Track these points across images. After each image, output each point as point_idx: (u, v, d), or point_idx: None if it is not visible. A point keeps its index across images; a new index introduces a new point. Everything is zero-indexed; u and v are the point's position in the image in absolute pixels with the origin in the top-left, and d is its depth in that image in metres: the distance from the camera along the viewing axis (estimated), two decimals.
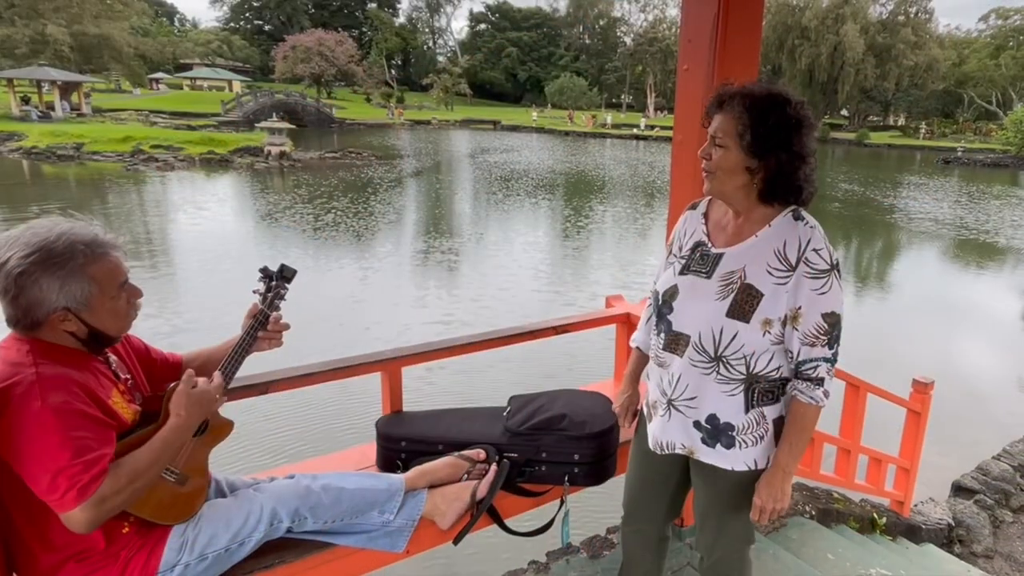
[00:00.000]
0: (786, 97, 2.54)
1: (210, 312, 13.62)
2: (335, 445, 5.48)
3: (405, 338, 12.84)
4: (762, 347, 2.60)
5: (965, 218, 31.18)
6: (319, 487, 2.96)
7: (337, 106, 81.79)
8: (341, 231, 22.19)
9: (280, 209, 25.51)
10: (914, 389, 6.02)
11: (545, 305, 15.37)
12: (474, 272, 18.33)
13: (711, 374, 2.69)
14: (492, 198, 31.87)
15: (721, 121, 2.59)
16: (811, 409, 2.63)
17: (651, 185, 38.40)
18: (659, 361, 2.91)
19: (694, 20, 3.82)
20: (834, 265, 2.53)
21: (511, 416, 3.80)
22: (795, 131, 2.51)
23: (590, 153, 59.21)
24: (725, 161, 2.58)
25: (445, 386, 10.39)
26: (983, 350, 14.27)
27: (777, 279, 2.56)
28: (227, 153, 39.38)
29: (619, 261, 20.46)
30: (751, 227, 2.68)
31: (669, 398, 2.84)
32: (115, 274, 2.46)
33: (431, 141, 62.99)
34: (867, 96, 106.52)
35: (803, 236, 2.55)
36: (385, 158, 44.76)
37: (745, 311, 2.59)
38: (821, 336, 2.55)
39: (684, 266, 2.84)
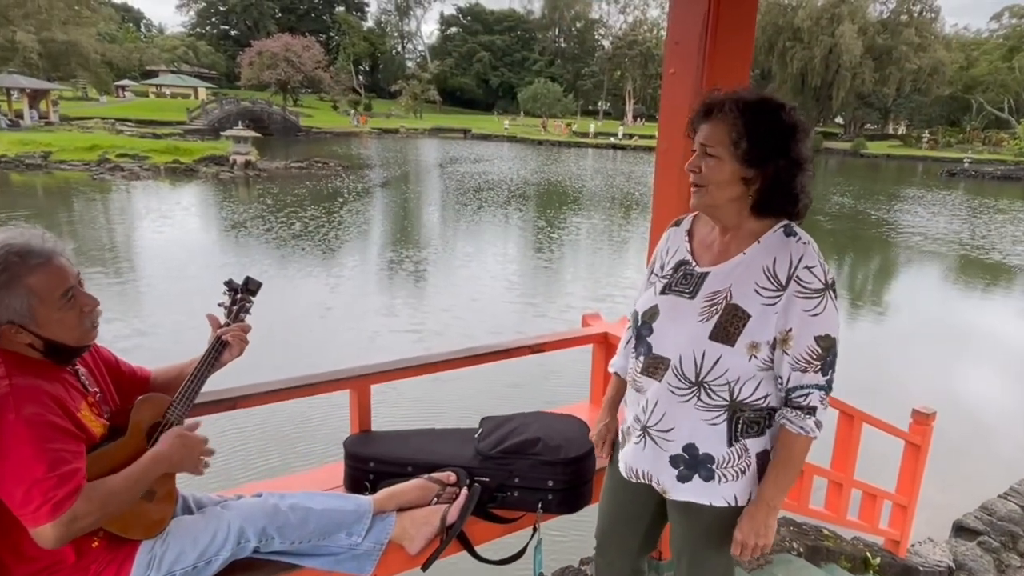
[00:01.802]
0: (779, 102, 2.42)
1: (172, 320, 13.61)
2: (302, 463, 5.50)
3: (376, 345, 13.01)
4: (748, 373, 2.43)
5: (965, 234, 30.49)
6: (287, 506, 2.94)
7: (303, 114, 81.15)
8: (308, 242, 22.18)
9: (245, 220, 25.48)
10: (914, 420, 5.69)
11: (517, 316, 15.43)
12: (445, 283, 18.36)
13: (690, 400, 2.51)
14: (462, 210, 31.87)
15: (711, 130, 2.44)
16: (801, 440, 2.47)
17: (628, 197, 38.37)
18: (636, 385, 2.73)
19: (682, 20, 3.64)
20: (829, 284, 2.39)
21: (483, 438, 3.72)
22: (792, 136, 2.39)
23: (565, 163, 59.04)
24: (718, 173, 2.42)
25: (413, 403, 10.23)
26: (988, 379, 13.59)
27: (766, 299, 2.41)
28: (192, 162, 39.39)
29: (593, 274, 20.51)
30: (739, 244, 2.53)
31: (644, 424, 2.67)
32: (55, 283, 2.41)
33: (399, 150, 62.92)
34: (864, 103, 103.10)
35: (795, 253, 2.40)
36: (352, 168, 44.77)
37: (730, 333, 2.42)
38: (814, 361, 2.39)
39: (666, 285, 2.68)
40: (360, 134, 78.71)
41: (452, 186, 39.94)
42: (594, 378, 4.94)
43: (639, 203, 35.64)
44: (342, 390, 3.82)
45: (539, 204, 35.08)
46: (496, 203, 33.86)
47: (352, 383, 3.82)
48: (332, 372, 3.81)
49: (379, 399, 3.93)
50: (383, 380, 3.91)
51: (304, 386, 3.64)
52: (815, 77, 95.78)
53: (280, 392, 3.57)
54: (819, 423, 2.46)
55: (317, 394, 3.73)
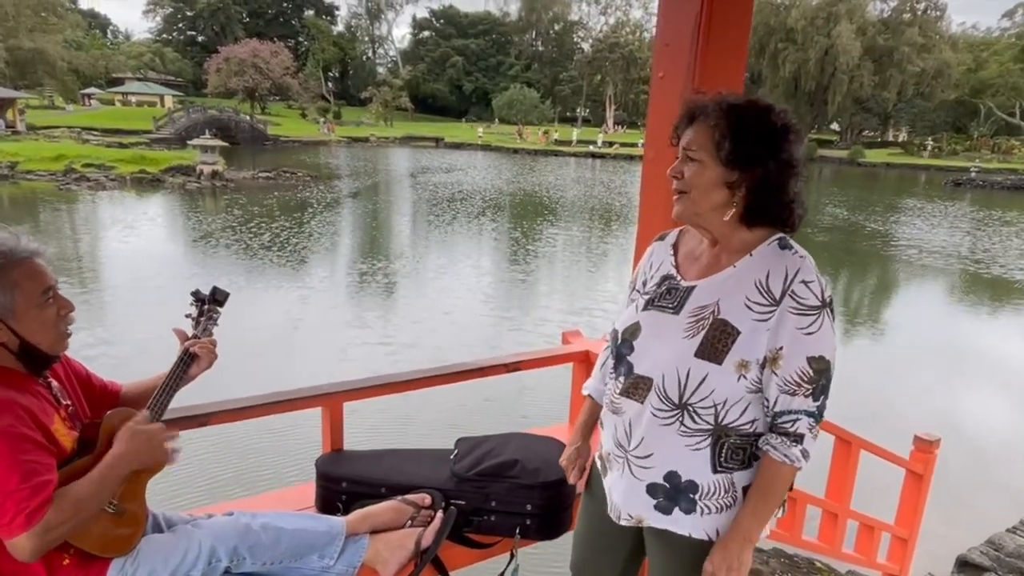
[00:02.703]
0: (768, 104, 2.31)
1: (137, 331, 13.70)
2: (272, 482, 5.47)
3: (348, 357, 13.04)
4: (735, 394, 2.29)
5: (965, 247, 29.71)
6: (259, 526, 2.93)
7: (271, 122, 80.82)
8: (276, 254, 22.14)
9: (212, 231, 25.42)
10: (916, 447, 5.45)
11: (492, 329, 15.44)
12: (417, 296, 18.36)
13: (672, 424, 2.37)
14: (434, 221, 31.80)
15: (694, 133, 2.34)
16: (784, 469, 2.32)
17: (608, 208, 38.15)
18: (614, 408, 2.57)
19: (672, 20, 3.49)
20: (826, 302, 2.24)
21: (458, 460, 3.68)
22: (782, 137, 2.27)
23: (541, 173, 58.55)
24: (700, 177, 2.31)
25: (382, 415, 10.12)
26: (996, 404, 12.98)
27: (757, 315, 2.27)
28: (159, 172, 39.30)
29: (570, 287, 20.52)
30: (729, 257, 2.40)
31: (624, 448, 2.53)
32: (39, 279, 2.47)
33: (369, 160, 62.69)
34: (862, 108, 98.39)
35: (791, 266, 2.26)
36: (321, 178, 44.66)
37: (717, 350, 2.29)
38: (804, 384, 2.24)
39: (649, 301, 2.56)
40: (329, 143, 78.39)
41: (424, 197, 39.88)
42: (574, 398, 4.77)
43: (619, 215, 35.56)
44: (314, 407, 3.79)
45: (514, 215, 35.04)
46: (469, 214, 33.83)
47: (324, 400, 3.79)
48: (304, 389, 3.77)
49: (347, 410, 3.91)
50: (356, 398, 3.90)
51: (275, 403, 3.62)
52: (809, 81, 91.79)
53: (251, 409, 3.55)
54: (806, 452, 2.31)
55: (288, 411, 3.73)
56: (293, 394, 3.70)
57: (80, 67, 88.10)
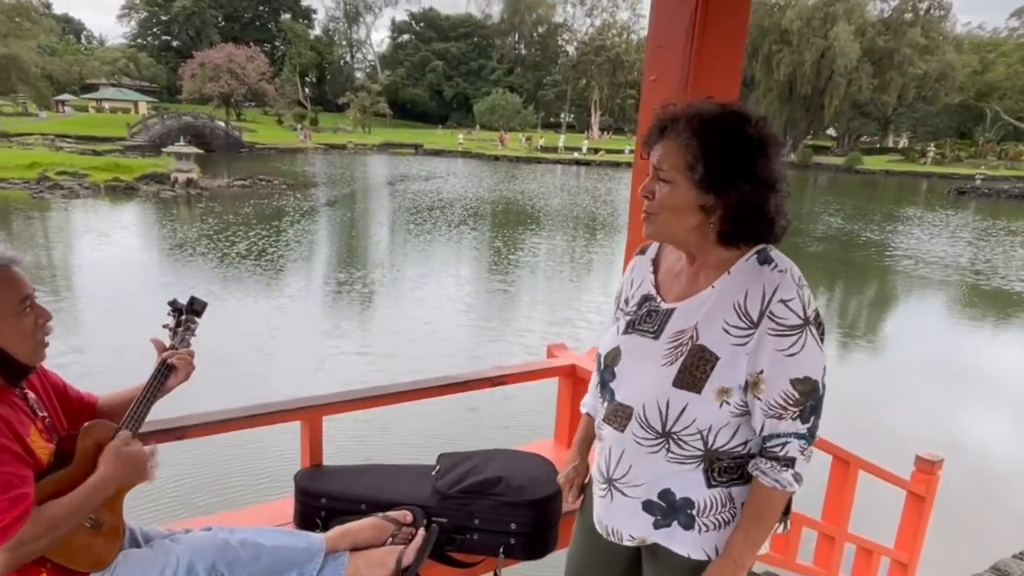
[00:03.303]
0: (744, 114, 2.19)
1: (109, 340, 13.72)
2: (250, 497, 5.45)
3: (326, 367, 13.00)
4: (720, 421, 2.23)
5: (965, 258, 29.18)
6: (237, 541, 2.91)
7: (247, 129, 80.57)
8: (252, 263, 22.08)
9: (187, 240, 25.33)
10: (917, 468, 5.28)
11: (472, 340, 15.40)
12: (395, 306, 18.28)
13: (659, 452, 2.31)
14: (413, 229, 31.68)
15: (665, 151, 2.23)
16: (775, 494, 2.25)
17: (593, 217, 37.93)
18: (598, 433, 2.56)
19: (665, 21, 3.42)
20: (809, 319, 2.14)
21: (441, 476, 3.64)
22: (759, 154, 2.15)
23: (523, 180, 58.26)
24: (672, 199, 2.21)
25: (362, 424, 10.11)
26: (1002, 423, 12.64)
27: (736, 339, 2.18)
28: (133, 180, 39.03)
29: (553, 297, 20.53)
30: (708, 275, 2.30)
31: (608, 477, 2.48)
32: (17, 286, 2.46)
33: (346, 167, 62.51)
34: (861, 112, 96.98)
35: (768, 284, 2.15)
36: (297, 186, 44.51)
37: (696, 379, 2.20)
38: (790, 407, 2.15)
39: (629, 323, 2.48)
40: (305, 150, 77.96)
41: (403, 205, 39.77)
42: (560, 414, 4.73)
43: (605, 224, 35.41)
44: (293, 421, 3.77)
45: (495, 224, 34.97)
46: (449, 223, 33.75)
47: (303, 414, 3.78)
48: (283, 402, 3.75)
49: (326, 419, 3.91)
50: (336, 411, 3.90)
51: (254, 416, 3.61)
52: (805, 84, 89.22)
53: (229, 422, 3.54)
54: (798, 476, 2.24)
55: (267, 425, 3.71)
56: (272, 407, 3.68)
57: (54, 73, 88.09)
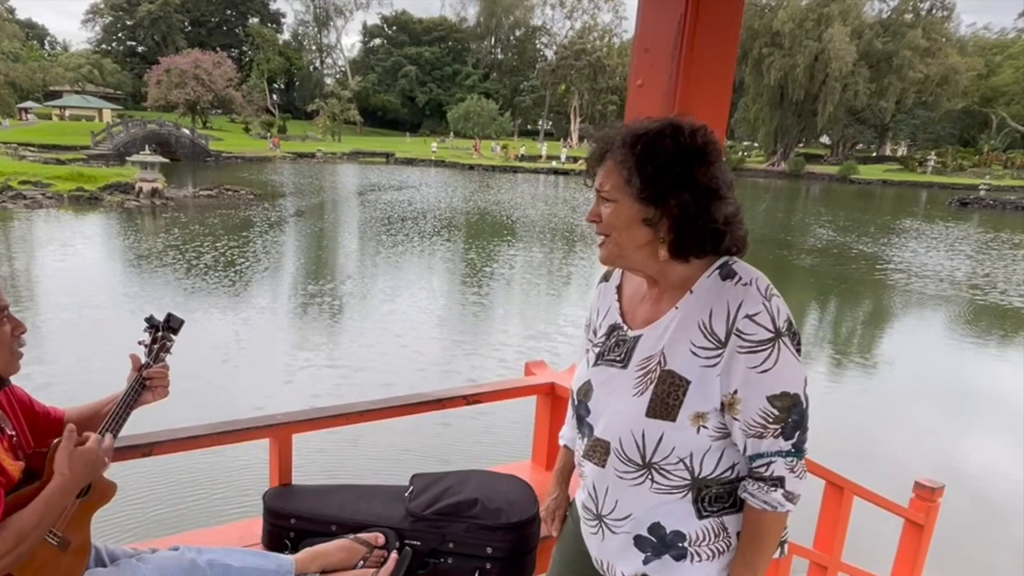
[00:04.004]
0: (677, 124, 2.16)
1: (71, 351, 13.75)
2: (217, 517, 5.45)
3: (296, 380, 13.04)
4: (701, 447, 2.16)
5: (962, 271, 28.74)
6: (205, 562, 2.88)
7: (213, 137, 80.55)
8: (218, 275, 22.05)
9: (152, 252, 25.33)
10: (916, 495, 4.99)
11: (446, 353, 15.38)
12: (366, 319, 18.36)
13: (643, 483, 2.24)
14: (384, 241, 31.68)
15: (605, 172, 2.22)
16: (767, 517, 2.17)
17: (571, 229, 37.61)
18: (580, 470, 2.51)
19: (653, 23, 3.28)
20: (780, 331, 2.06)
21: (414, 497, 3.59)
22: (696, 162, 2.11)
23: (499, 190, 58.08)
24: (616, 217, 2.19)
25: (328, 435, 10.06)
26: (1004, 449, 12.23)
27: (705, 360, 2.11)
28: (97, 190, 38.96)
29: (528, 310, 20.58)
30: (671, 297, 2.24)
31: (597, 513, 2.40)
32: None
33: (315, 176, 62.44)
34: (857, 119, 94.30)
35: (732, 300, 2.09)
36: (265, 196, 44.43)
37: (669, 407, 2.13)
38: (770, 425, 2.08)
39: (599, 355, 2.42)
40: (273, 159, 78.05)
41: (373, 216, 39.75)
42: (538, 434, 4.69)
43: (584, 236, 35.04)
44: (262, 439, 3.75)
45: (469, 235, 34.93)
46: (422, 234, 33.77)
47: (272, 432, 3.73)
48: (252, 419, 3.73)
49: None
50: (306, 429, 3.85)
51: (222, 433, 3.58)
52: (797, 89, 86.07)
53: (197, 439, 3.52)
54: (790, 495, 2.15)
55: (235, 442, 3.68)
56: (240, 424, 3.66)
57: (17, 80, 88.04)
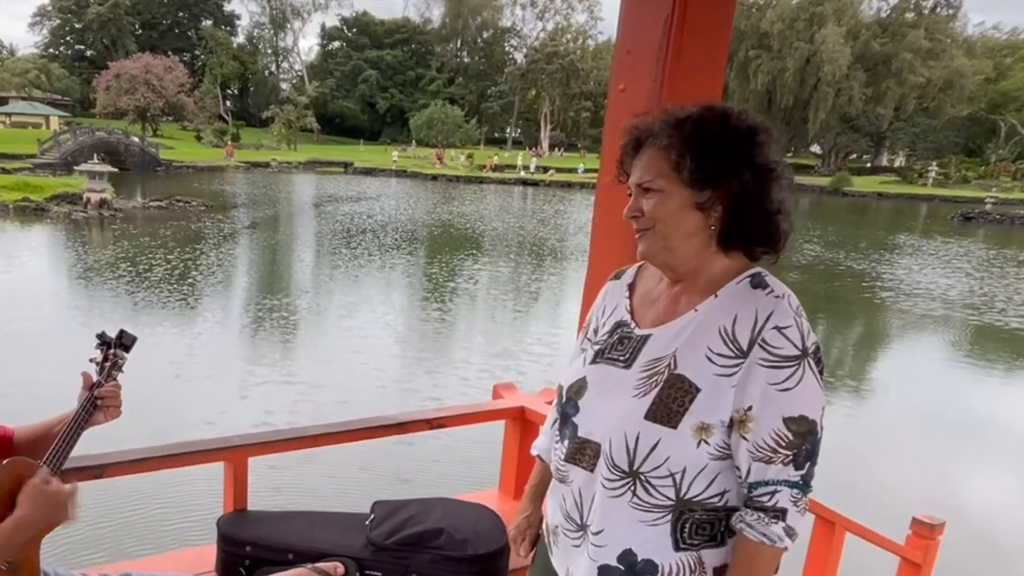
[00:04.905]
0: (723, 108, 2.08)
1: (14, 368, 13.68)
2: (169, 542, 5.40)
3: (250, 397, 13.11)
4: (697, 463, 2.04)
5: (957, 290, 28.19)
6: None
7: (164, 145, 79.64)
8: (168, 290, 21.96)
9: (100, 265, 25.23)
10: (913, 532, 4.36)
11: (406, 371, 15.43)
12: (323, 335, 18.33)
13: (623, 495, 2.11)
14: (341, 255, 31.66)
15: (646, 161, 2.10)
16: (763, 551, 2.03)
17: (540, 243, 37.49)
18: (560, 475, 2.33)
19: (636, 24, 3.20)
20: (808, 351, 1.97)
21: (376, 526, 3.55)
22: (750, 140, 2.03)
23: (464, 202, 57.73)
24: (663, 207, 2.05)
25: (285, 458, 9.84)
26: (1005, 483, 12.04)
27: (720, 369, 2.00)
28: (43, 200, 38.74)
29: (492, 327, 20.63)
30: (691, 298, 2.13)
31: (579, 524, 2.26)
32: None
33: (270, 187, 62.11)
34: (851, 127, 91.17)
35: (762, 308, 2.00)
36: (216, 207, 44.14)
37: (672, 412, 2.02)
38: (782, 450, 1.96)
39: (598, 352, 2.30)
40: (226, 168, 77.37)
41: (330, 228, 39.68)
42: (506, 461, 4.62)
43: (553, 250, 35.24)
44: (216, 462, 3.73)
45: (432, 249, 34.91)
46: (382, 247, 33.77)
47: (228, 454, 3.72)
48: (206, 441, 3.73)
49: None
50: (263, 452, 3.87)
51: (176, 455, 3.57)
52: (786, 95, 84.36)
53: (150, 461, 3.50)
54: (790, 530, 2.02)
55: (189, 465, 3.69)
56: (194, 446, 3.65)
57: None
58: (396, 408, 7.15)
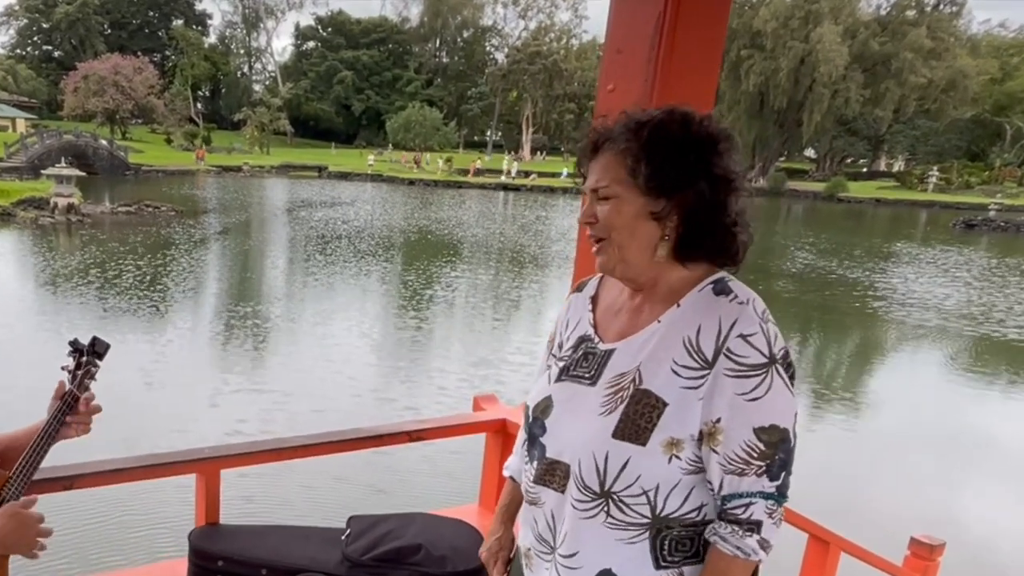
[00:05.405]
0: (685, 112, 2.04)
1: None
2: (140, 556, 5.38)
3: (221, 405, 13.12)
4: (670, 479, 2.01)
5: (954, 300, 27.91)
6: None
7: (133, 148, 79.29)
8: (137, 297, 21.92)
9: (68, 272, 25.15)
10: (912, 552, 4.30)
11: (382, 380, 15.47)
12: (296, 343, 18.28)
13: (597, 516, 2.07)
14: (315, 262, 31.64)
15: (602, 164, 2.07)
16: (736, 565, 2.00)
17: (520, 250, 37.19)
18: (531, 497, 2.28)
19: (626, 22, 3.14)
20: (775, 357, 1.94)
21: (351, 541, 3.52)
22: (710, 149, 1.99)
23: (441, 207, 57.53)
24: (617, 215, 2.03)
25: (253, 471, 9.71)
26: (1007, 502, 11.87)
27: (687, 381, 1.98)
28: (9, 205, 38.57)
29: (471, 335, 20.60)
30: (653, 309, 2.11)
31: (553, 546, 2.22)
32: None
33: (241, 192, 61.91)
34: (847, 130, 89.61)
35: (726, 316, 1.97)
36: (187, 213, 43.91)
37: (640, 429, 1.99)
38: (754, 461, 1.94)
39: (563, 369, 2.26)
40: (196, 173, 77.15)
41: (303, 234, 39.65)
42: (486, 475, 4.56)
43: (535, 257, 35.13)
44: (188, 474, 3.69)
45: (409, 256, 34.85)
46: (357, 254, 33.68)
47: (199, 466, 3.68)
48: (178, 453, 3.70)
49: None
50: (235, 465, 3.85)
51: (147, 467, 3.55)
52: (779, 96, 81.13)
53: (121, 472, 3.48)
54: (764, 542, 2.00)
55: (161, 477, 3.67)
56: (165, 457, 3.62)
57: None
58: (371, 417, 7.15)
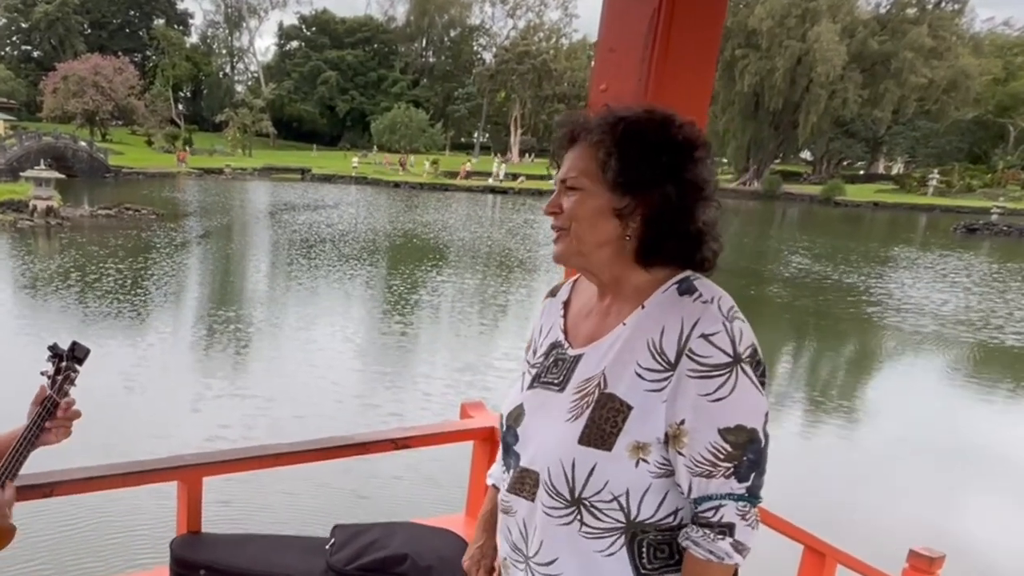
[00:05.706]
0: (666, 114, 2.03)
1: None
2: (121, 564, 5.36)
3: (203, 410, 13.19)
4: (639, 483, 1.99)
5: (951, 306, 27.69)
6: None
7: (113, 150, 79.44)
8: (117, 302, 21.91)
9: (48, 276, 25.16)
10: (910, 565, 4.10)
11: (366, 386, 15.46)
12: (279, 348, 18.28)
13: (571, 523, 2.05)
14: (298, 266, 31.66)
15: (574, 156, 2.07)
16: (711, 569, 1.97)
17: (508, 254, 37.13)
18: (504, 507, 2.28)
19: (619, 20, 3.10)
20: (740, 356, 1.90)
21: (336, 550, 3.50)
22: (684, 154, 1.98)
23: (427, 210, 57.34)
24: (581, 207, 2.02)
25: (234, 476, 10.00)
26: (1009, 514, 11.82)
27: (650, 384, 1.95)
28: None
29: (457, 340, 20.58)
30: (619, 311, 2.08)
31: (526, 556, 2.20)
32: None
33: (223, 194, 61.73)
34: (845, 131, 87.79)
35: (688, 316, 1.93)
36: (168, 216, 43.90)
37: (605, 434, 1.97)
38: (721, 463, 1.91)
39: (535, 377, 2.24)
40: (177, 175, 77.00)
41: (286, 238, 39.63)
42: (473, 483, 4.49)
43: (522, 261, 35.10)
44: (169, 481, 3.69)
45: (394, 260, 34.83)
46: (341, 258, 33.65)
47: (181, 474, 3.66)
48: (159, 460, 3.68)
49: None
50: (218, 472, 3.82)
51: (128, 474, 3.54)
52: (775, 97, 79.58)
53: (101, 480, 3.48)
54: (739, 545, 1.96)
55: (141, 484, 3.65)
56: (146, 465, 3.61)
57: None
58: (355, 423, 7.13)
